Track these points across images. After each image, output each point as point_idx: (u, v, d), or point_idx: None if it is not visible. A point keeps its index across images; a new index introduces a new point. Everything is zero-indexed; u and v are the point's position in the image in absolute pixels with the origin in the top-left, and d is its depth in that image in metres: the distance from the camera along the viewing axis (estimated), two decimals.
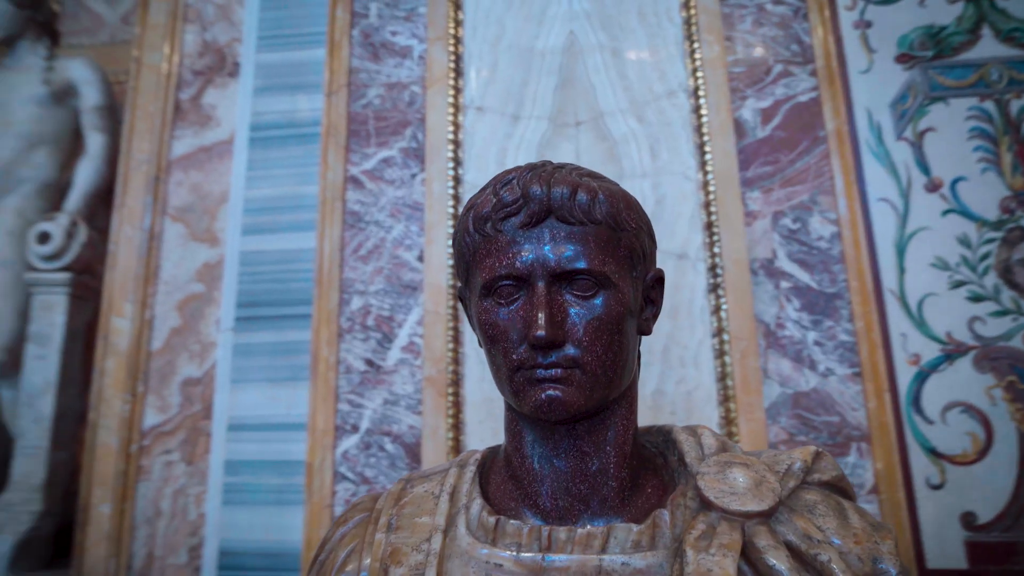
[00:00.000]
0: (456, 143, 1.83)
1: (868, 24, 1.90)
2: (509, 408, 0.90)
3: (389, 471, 1.74)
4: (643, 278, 0.89)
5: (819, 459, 0.92)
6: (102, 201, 2.47)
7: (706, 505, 0.82)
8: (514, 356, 0.80)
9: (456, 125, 1.84)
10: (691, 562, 0.75)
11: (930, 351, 1.66)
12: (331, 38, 2.10)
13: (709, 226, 1.68)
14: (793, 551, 0.79)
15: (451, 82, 1.87)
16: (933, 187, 1.76)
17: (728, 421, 1.56)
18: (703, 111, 1.75)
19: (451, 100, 1.85)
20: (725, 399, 1.57)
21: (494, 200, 0.83)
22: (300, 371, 1.87)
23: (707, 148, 1.72)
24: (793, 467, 0.88)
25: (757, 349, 1.60)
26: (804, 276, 1.70)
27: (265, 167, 2.08)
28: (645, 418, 1.58)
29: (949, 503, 1.57)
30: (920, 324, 1.67)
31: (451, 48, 1.90)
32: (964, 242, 1.72)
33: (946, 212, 1.74)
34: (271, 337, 1.93)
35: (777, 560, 0.76)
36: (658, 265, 1.65)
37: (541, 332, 0.76)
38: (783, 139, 1.80)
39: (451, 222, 1.80)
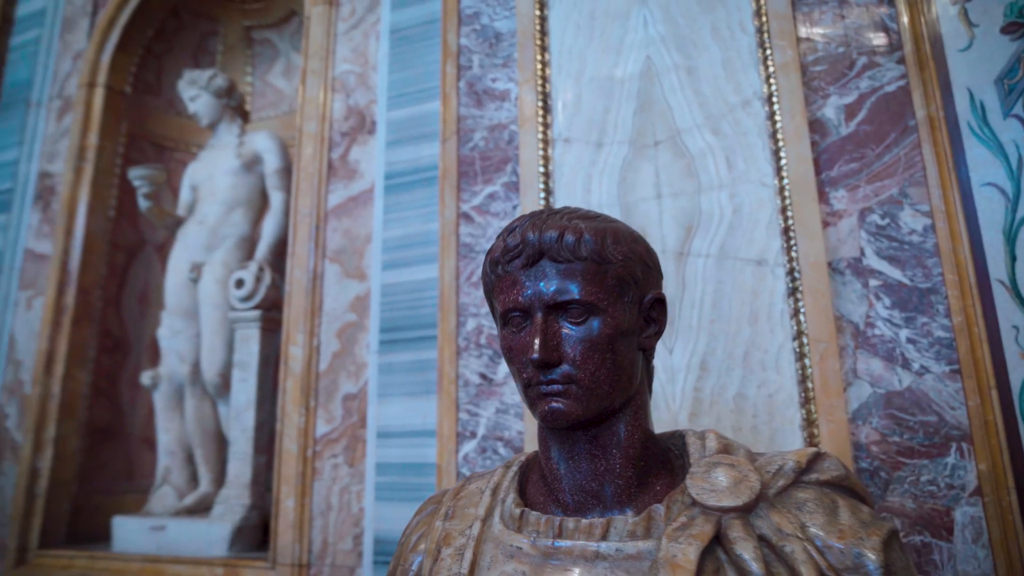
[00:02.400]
0: (547, 174, 2.01)
1: None
2: None
3: None
4: (638, 302, 1.03)
5: (819, 460, 0.99)
6: (284, 248, 2.99)
7: (693, 501, 0.94)
8: (524, 375, 0.99)
9: (546, 158, 2.03)
10: (663, 548, 0.89)
11: None
12: (443, 91, 2.39)
13: (786, 231, 1.70)
14: (768, 543, 0.89)
15: (540, 119, 2.06)
16: None
17: (809, 423, 1.57)
18: (777, 117, 1.77)
19: (541, 136, 2.04)
20: (806, 401, 1.59)
21: (502, 246, 1.02)
22: (430, 386, 2.16)
23: (782, 154, 1.74)
24: (784, 467, 0.97)
25: (837, 351, 1.60)
26: (895, 273, 1.65)
27: (397, 210, 2.41)
28: (727, 421, 1.66)
29: None
30: None
31: (539, 87, 2.09)
32: None
33: None
34: (408, 357, 2.25)
35: (744, 551, 0.88)
36: (736, 274, 1.72)
37: (536, 355, 0.94)
38: (869, 133, 1.76)
39: None
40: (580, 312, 0.98)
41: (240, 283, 2.84)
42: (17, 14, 3.80)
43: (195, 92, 3.24)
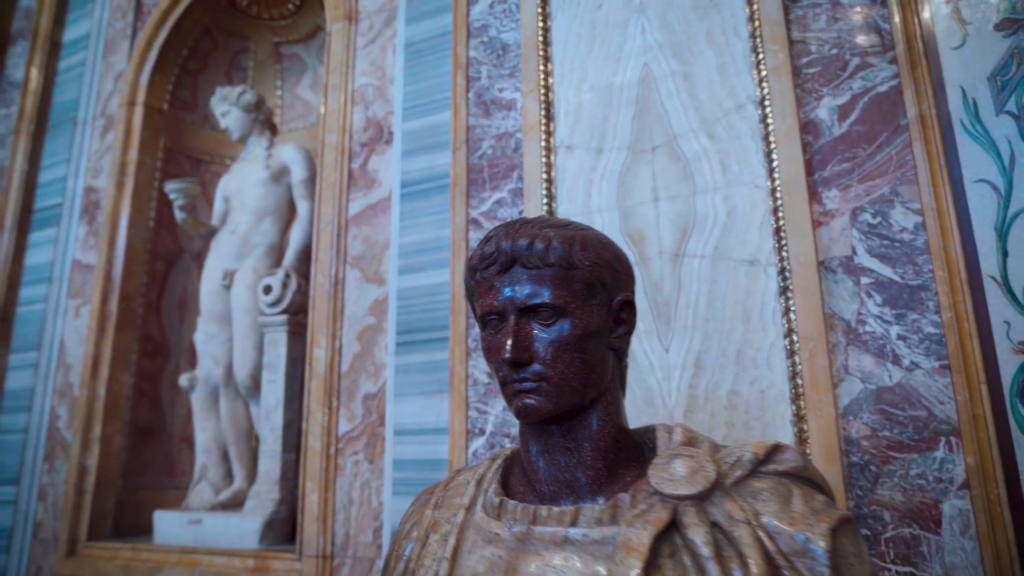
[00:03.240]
0: (549, 181, 2.09)
1: None
2: None
3: None
4: (607, 304, 1.10)
5: (777, 451, 1.05)
6: (310, 255, 3.12)
7: (654, 490, 1.01)
8: (500, 373, 1.07)
9: (549, 165, 2.10)
10: (621, 533, 0.96)
11: None
12: (454, 102, 2.49)
13: (778, 231, 1.74)
14: (720, 529, 0.95)
15: (543, 127, 2.13)
16: None
17: (799, 418, 1.61)
18: (770, 120, 1.81)
19: (544, 143, 2.12)
20: (796, 397, 1.63)
21: (479, 254, 1.11)
22: (443, 385, 2.26)
23: (774, 156, 1.78)
24: (743, 459, 1.03)
25: (826, 348, 1.63)
26: (886, 270, 1.68)
27: (413, 217, 2.51)
28: (721, 417, 1.71)
29: None
30: None
31: (542, 96, 2.17)
32: None
33: None
34: (422, 358, 2.35)
35: (695, 535, 0.94)
36: (730, 274, 1.77)
37: (507, 355, 1.03)
38: (861, 133, 1.78)
39: None
40: (550, 315, 1.06)
41: (268, 289, 2.97)
42: (64, 39, 4.04)
43: (226, 108, 3.41)
